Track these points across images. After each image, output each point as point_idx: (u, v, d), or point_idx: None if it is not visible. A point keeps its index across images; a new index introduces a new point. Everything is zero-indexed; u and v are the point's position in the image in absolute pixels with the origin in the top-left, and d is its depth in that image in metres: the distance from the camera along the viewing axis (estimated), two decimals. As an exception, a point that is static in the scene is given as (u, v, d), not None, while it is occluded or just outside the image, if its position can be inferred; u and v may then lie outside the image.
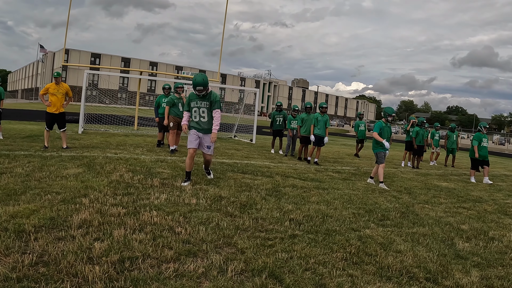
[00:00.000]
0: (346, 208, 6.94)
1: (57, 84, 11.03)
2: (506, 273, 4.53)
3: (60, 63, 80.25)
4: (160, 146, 13.71)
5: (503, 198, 10.15)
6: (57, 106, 11.09)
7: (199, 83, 7.49)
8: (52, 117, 11.15)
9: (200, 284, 3.46)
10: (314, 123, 13.34)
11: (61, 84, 11.16)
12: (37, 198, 5.56)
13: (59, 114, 11.21)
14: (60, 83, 11.12)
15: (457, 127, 18.84)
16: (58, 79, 11.02)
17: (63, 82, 11.46)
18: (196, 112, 7.80)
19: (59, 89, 11.07)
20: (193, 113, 7.82)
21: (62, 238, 4.19)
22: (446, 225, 6.49)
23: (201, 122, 7.82)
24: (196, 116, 7.82)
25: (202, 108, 7.77)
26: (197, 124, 7.81)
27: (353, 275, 3.97)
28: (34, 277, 3.28)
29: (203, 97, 7.75)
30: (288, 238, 4.93)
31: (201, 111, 7.78)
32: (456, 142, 18.50)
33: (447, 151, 18.71)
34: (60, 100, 11.11)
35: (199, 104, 7.76)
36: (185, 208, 5.78)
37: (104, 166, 8.53)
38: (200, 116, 7.81)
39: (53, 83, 11.07)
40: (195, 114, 7.82)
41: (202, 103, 7.76)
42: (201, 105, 7.76)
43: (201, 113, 7.79)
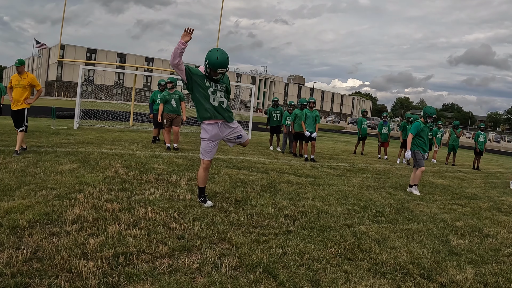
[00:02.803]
0: (341, 204, 6.94)
1: (20, 74, 9.10)
2: (500, 269, 4.55)
3: (55, 58, 79.99)
4: (156, 142, 13.68)
5: (497, 195, 10.19)
6: (17, 101, 9.08)
7: (224, 63, 5.58)
8: (13, 114, 9.20)
9: (194, 280, 3.46)
10: (303, 119, 13.34)
11: (24, 74, 9.14)
12: (32, 194, 5.54)
13: (18, 110, 9.10)
14: (23, 73, 9.12)
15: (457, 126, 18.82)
16: (20, 68, 9.03)
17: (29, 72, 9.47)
18: (214, 95, 5.79)
19: (20, 80, 9.07)
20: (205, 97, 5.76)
21: (56, 234, 4.18)
22: (441, 222, 6.51)
23: (222, 107, 5.85)
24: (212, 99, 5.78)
25: (220, 91, 5.87)
26: (216, 111, 5.81)
27: (348, 271, 3.98)
28: (28, 272, 3.27)
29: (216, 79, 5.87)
30: (282, 234, 4.94)
31: (219, 95, 5.85)
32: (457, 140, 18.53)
33: (448, 149, 18.73)
34: (21, 94, 9.06)
35: (215, 87, 5.83)
36: (180, 204, 5.78)
37: (99, 161, 8.51)
38: (219, 101, 5.83)
39: (16, 74, 9.18)
40: (212, 97, 5.79)
41: (217, 85, 5.85)
42: (218, 87, 5.86)
43: (220, 97, 5.85)
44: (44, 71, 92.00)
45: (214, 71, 5.58)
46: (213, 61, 5.51)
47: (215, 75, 5.65)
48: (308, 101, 13.72)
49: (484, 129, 19.29)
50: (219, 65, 5.52)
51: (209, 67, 5.58)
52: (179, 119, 12.33)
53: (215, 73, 5.62)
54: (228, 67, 5.67)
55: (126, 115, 23.88)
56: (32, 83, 9.19)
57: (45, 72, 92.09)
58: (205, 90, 5.73)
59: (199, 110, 5.86)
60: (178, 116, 12.33)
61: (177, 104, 12.27)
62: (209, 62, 5.55)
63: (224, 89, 5.95)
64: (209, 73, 5.67)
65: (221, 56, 5.51)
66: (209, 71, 5.63)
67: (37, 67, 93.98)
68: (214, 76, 5.67)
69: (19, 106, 9.07)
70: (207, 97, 5.76)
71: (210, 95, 5.76)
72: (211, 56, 5.54)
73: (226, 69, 5.63)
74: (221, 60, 5.52)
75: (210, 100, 5.77)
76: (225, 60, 5.56)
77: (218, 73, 5.62)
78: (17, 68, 9.02)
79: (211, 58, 5.53)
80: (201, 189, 6.11)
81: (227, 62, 5.61)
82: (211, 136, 5.89)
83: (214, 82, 5.79)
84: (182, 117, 12.39)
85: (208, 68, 5.61)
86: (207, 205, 5.90)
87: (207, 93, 5.73)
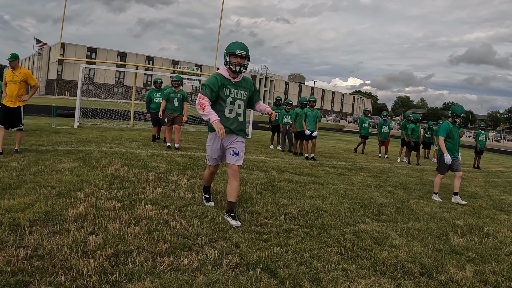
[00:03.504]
0: (342, 203, 6.94)
1: (13, 69, 8.68)
2: (501, 268, 4.55)
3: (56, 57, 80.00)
4: (156, 140, 13.66)
5: (498, 194, 10.20)
6: (11, 96, 8.65)
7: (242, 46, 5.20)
8: (6, 111, 8.71)
9: (194, 278, 3.46)
10: (304, 118, 13.35)
11: (18, 69, 8.69)
12: (32, 192, 5.54)
13: (13, 109, 8.71)
14: (17, 68, 8.67)
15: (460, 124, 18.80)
16: (13, 63, 8.61)
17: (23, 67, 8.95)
18: (232, 105, 5.31)
19: (14, 76, 8.64)
20: (224, 106, 5.28)
21: (57, 232, 4.18)
22: (441, 221, 6.51)
23: (238, 120, 5.37)
24: (228, 110, 5.30)
25: (239, 100, 5.34)
26: (230, 123, 5.30)
27: (348, 270, 3.98)
28: (29, 270, 3.27)
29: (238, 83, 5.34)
30: (283, 232, 4.94)
31: (238, 105, 5.34)
32: None
33: None
34: (15, 90, 8.62)
35: (235, 94, 5.31)
36: (180, 202, 5.78)
37: (100, 160, 8.51)
38: (237, 113, 5.36)
39: (10, 69, 8.79)
40: (228, 108, 5.30)
41: (239, 92, 5.33)
42: (238, 95, 5.33)
43: (238, 108, 5.35)
44: (44, 69, 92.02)
45: (234, 55, 5.13)
46: (231, 45, 5.19)
47: (236, 62, 5.13)
48: (308, 100, 13.72)
49: (485, 128, 19.32)
50: (237, 46, 5.15)
51: (228, 53, 5.16)
52: (180, 118, 12.18)
53: (236, 60, 5.13)
54: (249, 55, 5.22)
55: (126, 114, 23.88)
56: (27, 78, 8.77)
57: (45, 71, 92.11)
58: (224, 100, 5.27)
59: None
60: (179, 115, 12.15)
61: (179, 104, 12.07)
62: (228, 48, 5.18)
63: (246, 98, 5.44)
64: (229, 64, 5.16)
65: (239, 42, 5.24)
66: (229, 59, 5.16)
67: (38, 65, 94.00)
68: (235, 65, 5.13)
69: (13, 103, 8.66)
70: (222, 108, 5.30)
71: (227, 106, 5.28)
72: (229, 45, 5.24)
73: (246, 53, 5.16)
74: (238, 43, 5.22)
75: (225, 111, 5.30)
76: (244, 45, 5.22)
77: (238, 55, 5.11)
78: (10, 63, 8.62)
79: (229, 45, 5.23)
80: (205, 187, 6.08)
81: (246, 48, 5.22)
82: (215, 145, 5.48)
83: (235, 88, 5.29)
84: (183, 117, 12.26)
85: (228, 56, 5.18)
86: (209, 204, 5.85)
87: (224, 103, 5.28)
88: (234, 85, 5.30)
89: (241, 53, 5.13)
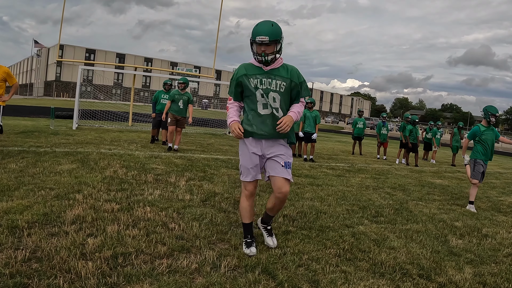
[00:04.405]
0: (340, 204, 6.94)
1: None
2: (499, 270, 4.55)
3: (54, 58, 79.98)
4: (154, 142, 13.65)
5: (496, 196, 10.20)
6: None
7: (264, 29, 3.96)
8: None
9: (193, 280, 3.46)
10: (303, 119, 13.37)
11: None
12: (31, 194, 5.54)
13: None
14: None
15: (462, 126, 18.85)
16: None
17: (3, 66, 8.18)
18: (263, 98, 4.13)
19: None
20: (255, 101, 4.15)
21: (55, 234, 4.18)
22: (440, 222, 6.51)
23: (276, 117, 4.14)
24: (261, 105, 4.15)
25: (274, 92, 4.13)
26: (263, 124, 4.15)
27: (347, 272, 3.98)
28: (27, 273, 3.26)
29: (272, 71, 4.14)
30: (281, 234, 4.94)
31: (272, 97, 4.13)
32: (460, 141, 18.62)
33: (453, 149, 18.75)
34: None
35: (268, 84, 4.12)
36: (179, 204, 5.77)
37: (98, 162, 8.50)
38: (273, 108, 4.15)
39: None
40: (261, 103, 4.14)
41: (273, 82, 4.12)
42: (272, 85, 4.12)
43: (273, 102, 4.14)
44: (43, 71, 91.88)
45: (255, 42, 4.02)
46: (253, 29, 4.04)
47: (260, 52, 4.01)
48: (306, 101, 13.72)
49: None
50: (256, 31, 3.98)
51: (250, 40, 4.10)
52: (184, 121, 12.10)
53: (259, 49, 4.02)
54: (277, 38, 3.99)
55: (125, 115, 23.87)
56: (6, 77, 8.07)
57: (44, 72, 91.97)
58: (253, 93, 4.15)
59: (242, 123, 4.29)
60: (183, 118, 12.03)
61: (184, 106, 11.93)
62: (251, 35, 4.07)
63: (284, 90, 4.16)
64: (254, 53, 4.13)
65: (262, 23, 4.03)
66: (253, 48, 4.13)
67: (36, 67, 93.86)
68: (259, 54, 4.04)
69: None
70: (254, 104, 4.19)
71: (259, 100, 4.15)
72: (253, 27, 4.08)
73: (268, 38, 3.94)
74: (260, 26, 4.00)
75: (257, 108, 4.17)
76: (266, 26, 3.97)
77: (260, 43, 3.96)
78: None
79: (252, 29, 4.07)
80: (244, 225, 4.41)
81: (270, 30, 3.95)
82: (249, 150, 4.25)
83: (267, 78, 4.11)
84: (188, 120, 12.18)
85: (250, 43, 4.14)
86: (250, 251, 4.19)
87: (254, 98, 4.16)
88: (267, 74, 4.13)
89: (262, 39, 3.94)
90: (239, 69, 4.25)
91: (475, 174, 8.18)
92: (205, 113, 38.14)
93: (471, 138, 8.31)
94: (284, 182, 4.15)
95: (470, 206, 8.05)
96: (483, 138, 8.12)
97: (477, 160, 8.17)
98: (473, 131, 8.25)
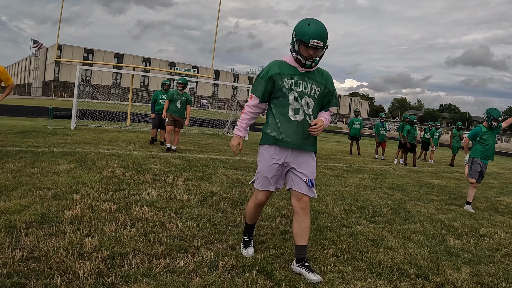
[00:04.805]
0: (338, 204, 6.95)
1: None
2: (497, 270, 4.55)
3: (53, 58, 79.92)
4: (153, 143, 13.63)
5: (494, 196, 10.22)
6: None
7: (320, 33, 3.60)
8: None
9: (190, 280, 3.46)
10: None
11: None
12: (29, 194, 5.53)
13: None
14: None
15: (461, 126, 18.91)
16: None
17: None
18: (297, 102, 3.77)
19: None
20: (287, 104, 3.78)
21: (53, 234, 4.17)
22: (438, 222, 6.52)
23: (304, 126, 3.80)
24: (293, 110, 3.78)
25: (309, 97, 3.80)
26: (295, 130, 3.78)
27: (344, 271, 3.98)
28: (25, 272, 3.26)
29: (308, 74, 3.81)
30: (279, 234, 4.94)
31: (306, 102, 3.79)
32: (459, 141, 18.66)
33: (453, 150, 18.78)
34: None
35: (303, 87, 3.78)
36: (177, 204, 5.77)
37: (96, 162, 8.50)
38: (306, 114, 3.81)
39: None
40: (293, 107, 3.78)
41: (308, 86, 3.79)
42: (307, 89, 3.79)
43: (306, 107, 3.80)
44: (41, 71, 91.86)
45: (305, 44, 3.60)
46: (304, 28, 3.60)
47: (307, 55, 3.64)
48: None
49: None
50: (313, 33, 3.57)
51: (297, 39, 3.64)
52: (182, 121, 12.05)
53: (306, 51, 3.64)
54: (327, 44, 3.67)
55: (123, 116, 23.86)
56: (1, 77, 7.90)
57: (42, 72, 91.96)
58: (285, 95, 3.76)
59: (265, 127, 3.97)
60: (181, 118, 11.98)
61: (182, 107, 11.87)
62: (298, 32, 3.64)
63: (318, 94, 3.85)
64: (298, 54, 3.69)
65: (315, 24, 3.61)
66: (298, 48, 3.67)
67: (34, 67, 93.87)
68: (305, 57, 3.65)
69: None
70: (284, 107, 3.80)
71: (291, 104, 3.77)
72: (301, 24, 3.67)
73: (323, 43, 3.61)
74: (315, 27, 3.59)
75: (289, 112, 3.79)
76: (321, 29, 3.61)
77: (312, 47, 3.58)
78: None
79: (300, 26, 3.65)
80: (247, 225, 4.35)
81: (325, 35, 3.62)
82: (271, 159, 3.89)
83: (303, 80, 3.77)
84: (185, 121, 12.14)
85: (295, 42, 3.69)
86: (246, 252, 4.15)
87: (286, 100, 3.78)
88: (302, 76, 3.79)
89: (317, 44, 3.58)
90: (272, 66, 3.83)
91: (472, 173, 8.16)
92: (203, 113, 38.13)
93: (472, 138, 8.26)
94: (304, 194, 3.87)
95: (468, 206, 8.06)
96: (484, 138, 8.08)
97: (474, 159, 8.15)
98: (475, 131, 8.19)
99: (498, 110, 8.08)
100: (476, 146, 8.16)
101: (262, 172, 3.90)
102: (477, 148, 8.14)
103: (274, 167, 3.85)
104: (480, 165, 8.10)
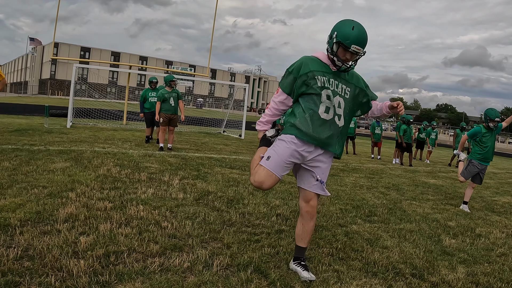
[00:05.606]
0: (334, 204, 6.95)
1: None
2: (492, 269, 4.56)
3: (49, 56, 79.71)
4: (149, 141, 13.60)
5: (490, 196, 10.24)
6: None
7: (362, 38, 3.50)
8: None
9: (185, 279, 3.45)
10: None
11: None
12: (24, 192, 5.51)
13: None
14: None
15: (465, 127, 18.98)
16: None
17: None
18: (329, 101, 3.63)
19: None
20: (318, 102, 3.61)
21: (47, 232, 4.16)
22: (433, 222, 6.53)
23: (335, 125, 3.70)
24: (324, 108, 3.63)
25: (340, 97, 3.69)
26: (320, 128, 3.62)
27: (339, 271, 3.98)
28: (19, 271, 3.24)
29: (339, 73, 3.69)
30: (274, 233, 4.94)
31: (338, 101, 3.68)
32: None
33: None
34: None
35: (335, 87, 3.67)
36: (172, 203, 5.76)
37: (92, 160, 8.48)
38: (336, 114, 3.69)
39: None
40: (324, 105, 3.62)
41: (339, 85, 3.69)
42: (339, 89, 3.68)
43: (338, 107, 3.69)
44: (37, 69, 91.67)
45: (345, 48, 3.48)
46: (347, 31, 3.46)
47: (344, 58, 3.55)
48: None
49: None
50: (355, 39, 3.45)
51: (338, 40, 3.50)
52: (177, 118, 12.03)
53: (345, 55, 3.54)
54: (364, 50, 3.56)
55: (119, 114, 23.82)
56: None
57: (38, 70, 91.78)
58: (318, 93, 3.61)
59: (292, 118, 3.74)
60: (176, 115, 11.96)
61: (175, 103, 11.82)
62: (340, 33, 3.50)
63: (350, 95, 3.75)
64: (334, 55, 3.57)
65: (359, 28, 3.49)
66: (337, 49, 3.55)
67: (31, 65, 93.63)
68: (341, 60, 3.54)
69: None
70: (315, 105, 3.63)
71: (323, 102, 3.62)
72: (344, 25, 3.53)
73: (362, 49, 3.52)
74: (359, 32, 3.48)
75: (319, 109, 3.63)
76: (365, 35, 3.51)
77: (351, 52, 3.48)
78: None
79: (343, 27, 3.51)
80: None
81: (366, 40, 3.53)
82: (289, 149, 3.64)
83: (335, 79, 3.66)
84: (181, 117, 12.09)
85: (335, 43, 3.54)
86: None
87: (318, 98, 3.62)
88: (334, 75, 3.67)
89: (358, 50, 3.48)
90: (304, 62, 3.67)
91: (466, 173, 8.17)
92: (199, 112, 38.11)
93: (471, 137, 8.17)
94: (314, 195, 3.77)
95: (464, 206, 8.06)
96: (483, 140, 8.00)
97: (472, 161, 8.12)
98: (475, 131, 8.09)
99: (495, 111, 7.97)
100: (475, 148, 8.11)
101: (281, 153, 3.63)
102: (475, 150, 8.09)
103: (296, 155, 3.63)
104: (477, 167, 8.06)
